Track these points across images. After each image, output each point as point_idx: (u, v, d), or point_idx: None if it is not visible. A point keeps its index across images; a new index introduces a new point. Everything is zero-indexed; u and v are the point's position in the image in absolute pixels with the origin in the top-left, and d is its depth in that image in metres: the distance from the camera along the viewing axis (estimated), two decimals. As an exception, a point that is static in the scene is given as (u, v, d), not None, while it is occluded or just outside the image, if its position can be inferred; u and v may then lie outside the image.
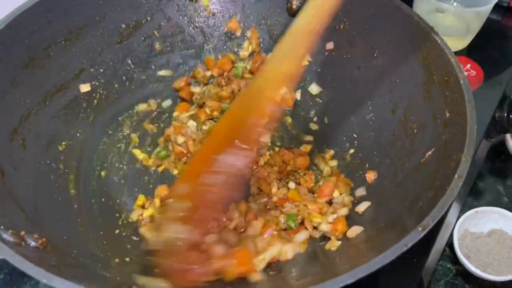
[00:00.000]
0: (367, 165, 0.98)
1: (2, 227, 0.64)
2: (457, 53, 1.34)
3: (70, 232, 0.79)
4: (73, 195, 0.91)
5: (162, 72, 1.17)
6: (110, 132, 1.07)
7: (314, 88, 1.14)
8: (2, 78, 0.87)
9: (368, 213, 0.86)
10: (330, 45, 1.10)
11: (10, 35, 0.89)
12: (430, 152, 0.81)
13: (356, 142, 1.04)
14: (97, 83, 1.07)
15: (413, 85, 0.94)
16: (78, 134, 1.01)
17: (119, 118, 1.09)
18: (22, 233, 0.67)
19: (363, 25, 1.04)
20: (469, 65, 1.31)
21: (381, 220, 0.78)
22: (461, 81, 0.81)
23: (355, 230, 0.80)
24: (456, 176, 0.68)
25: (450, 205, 0.69)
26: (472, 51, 1.33)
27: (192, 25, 1.17)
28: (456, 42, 1.34)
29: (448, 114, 0.82)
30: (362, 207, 0.88)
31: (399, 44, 0.98)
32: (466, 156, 0.70)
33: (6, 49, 0.88)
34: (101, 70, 1.08)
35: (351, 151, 1.03)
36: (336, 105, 1.10)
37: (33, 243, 0.66)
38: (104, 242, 0.82)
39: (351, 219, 0.86)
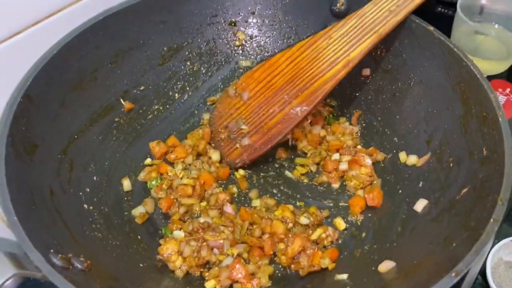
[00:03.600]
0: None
1: (52, 250, 0.68)
2: (497, 76, 1.31)
3: (112, 255, 0.82)
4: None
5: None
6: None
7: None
8: (53, 100, 0.93)
9: (401, 247, 0.86)
10: (366, 71, 1.10)
11: (62, 60, 0.94)
12: (465, 190, 0.81)
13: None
14: (139, 103, 1.11)
15: (449, 117, 0.93)
16: (123, 150, 1.05)
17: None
18: (70, 255, 0.71)
19: (400, 53, 1.04)
20: (508, 89, 1.28)
21: (414, 257, 0.78)
22: (500, 119, 0.80)
23: (387, 265, 0.80)
24: (491, 220, 0.68)
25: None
26: (512, 75, 1.30)
27: (231, 48, 1.20)
28: (496, 65, 1.31)
29: (485, 152, 0.81)
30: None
31: (436, 74, 0.97)
32: (502, 199, 0.69)
33: (58, 73, 0.93)
34: (144, 91, 1.12)
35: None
36: (369, 132, 1.10)
37: (79, 266, 0.70)
38: (143, 265, 0.85)
39: (385, 252, 0.87)
